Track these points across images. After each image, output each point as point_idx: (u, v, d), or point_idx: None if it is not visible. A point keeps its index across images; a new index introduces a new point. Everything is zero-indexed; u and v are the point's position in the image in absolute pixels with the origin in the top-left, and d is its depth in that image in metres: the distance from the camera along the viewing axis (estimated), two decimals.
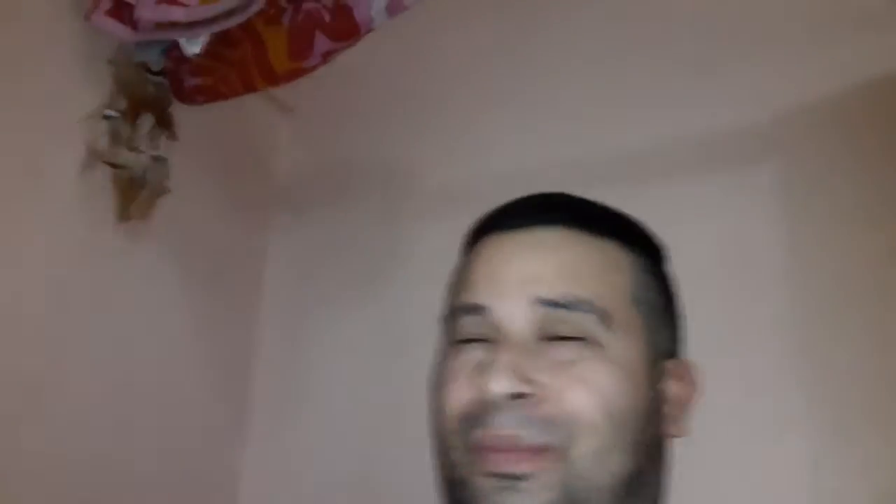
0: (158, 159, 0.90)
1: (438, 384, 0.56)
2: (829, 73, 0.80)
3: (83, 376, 0.85)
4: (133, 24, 0.84)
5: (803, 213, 0.78)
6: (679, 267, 0.66)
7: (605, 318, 0.50)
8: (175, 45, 0.89)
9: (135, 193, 0.87)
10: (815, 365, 0.74)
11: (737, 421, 0.69)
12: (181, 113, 0.95)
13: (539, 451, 0.48)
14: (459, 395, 0.52)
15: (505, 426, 0.49)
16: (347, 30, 0.83)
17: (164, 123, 0.93)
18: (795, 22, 0.83)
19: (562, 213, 0.55)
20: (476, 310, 0.53)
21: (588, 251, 0.54)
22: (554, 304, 0.50)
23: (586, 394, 0.48)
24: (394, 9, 0.81)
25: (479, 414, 0.50)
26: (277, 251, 1.12)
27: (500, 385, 0.48)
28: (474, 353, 0.52)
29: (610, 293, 0.52)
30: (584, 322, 0.50)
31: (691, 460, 0.60)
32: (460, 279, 0.57)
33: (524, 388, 0.49)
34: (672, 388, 0.54)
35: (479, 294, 0.53)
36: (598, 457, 0.48)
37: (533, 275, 0.52)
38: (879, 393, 0.71)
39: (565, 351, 0.50)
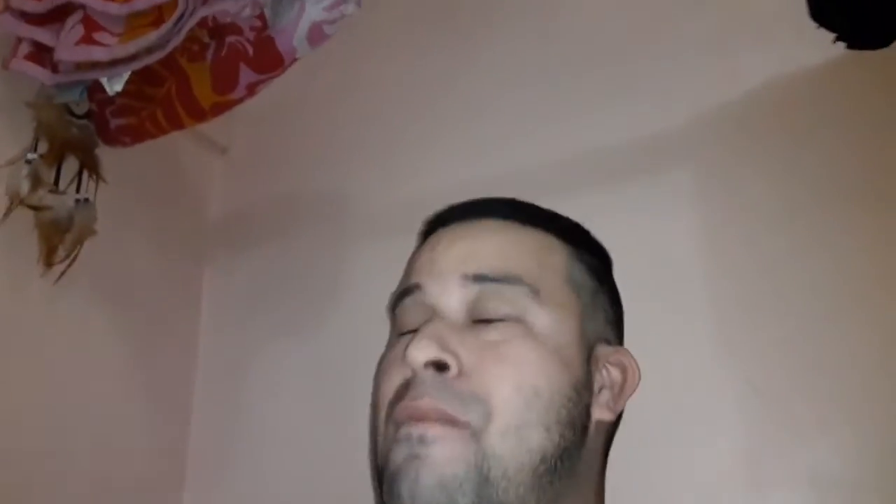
0: (84, 202, 0.88)
1: (376, 377, 0.56)
2: (736, 77, 0.84)
3: (14, 424, 0.81)
4: (53, 67, 0.83)
5: (720, 211, 0.80)
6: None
7: (534, 291, 0.52)
8: (98, 88, 0.88)
9: (60, 237, 0.85)
10: (735, 355, 0.76)
11: (668, 411, 0.70)
12: (113, 155, 0.94)
13: (453, 422, 0.47)
14: (391, 382, 0.52)
15: (423, 395, 0.48)
16: (271, 61, 0.84)
17: (90, 166, 0.91)
18: (701, 31, 0.87)
19: (501, 208, 0.59)
20: (412, 289, 0.55)
21: (524, 236, 0.56)
22: (484, 278, 0.52)
23: (505, 372, 0.49)
24: (315, 39, 0.82)
25: (403, 391, 0.50)
26: (213, 289, 1.10)
27: (420, 352, 0.48)
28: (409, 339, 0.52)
29: (542, 271, 0.54)
30: (514, 296, 0.51)
31: (625, 454, 0.61)
32: (406, 270, 0.59)
33: (444, 357, 0.49)
34: (608, 373, 0.55)
35: (417, 275, 0.55)
36: (514, 433, 0.47)
37: (467, 254, 0.54)
38: (798, 377, 0.73)
39: (494, 333, 0.51)
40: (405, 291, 0.56)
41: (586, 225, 0.67)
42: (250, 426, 1.02)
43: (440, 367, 0.49)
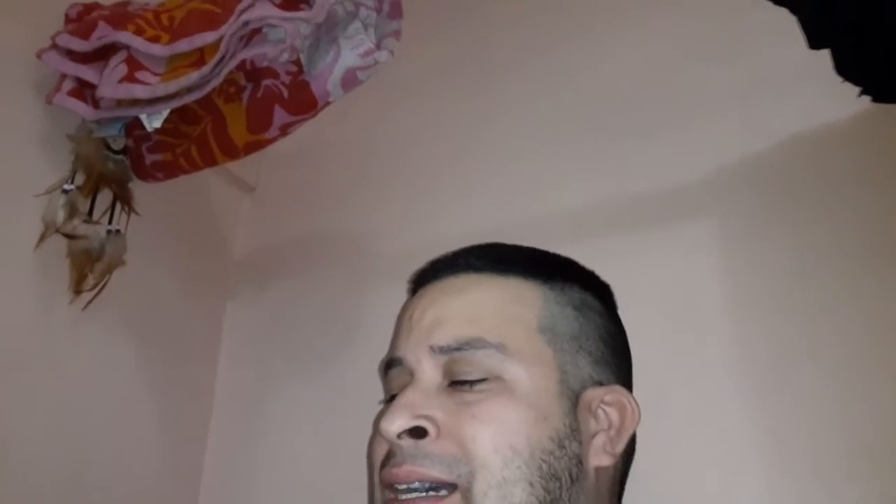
0: (115, 233, 0.90)
1: (370, 440, 0.59)
2: (760, 129, 0.85)
3: (35, 447, 0.82)
4: (95, 103, 0.87)
5: (746, 260, 0.80)
6: (633, 315, 0.69)
7: (501, 349, 0.53)
8: (136, 125, 0.91)
9: (90, 266, 0.87)
10: (759, 405, 0.75)
11: (691, 461, 0.69)
12: (144, 189, 0.97)
13: (441, 484, 0.49)
14: (379, 447, 0.55)
15: (403, 464, 0.50)
16: (305, 103, 0.87)
17: (124, 199, 0.94)
18: (728, 85, 0.89)
19: (475, 261, 0.60)
20: (395, 362, 0.59)
21: (490, 291, 0.58)
22: (448, 349, 0.54)
23: (481, 433, 0.50)
24: (348, 84, 0.85)
25: (387, 458, 0.52)
26: (234, 323, 1.12)
27: (392, 424, 0.51)
28: None
29: (510, 326, 0.55)
30: (482, 357, 0.53)
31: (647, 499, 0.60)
32: (392, 335, 0.64)
33: (417, 423, 0.51)
34: (605, 414, 0.55)
35: (398, 348, 0.59)
36: (495, 492, 0.48)
37: (434, 323, 0.56)
38: (822, 427, 0.72)
39: (470, 394, 0.52)
40: (390, 363, 0.60)
41: (608, 276, 0.68)
42: (263, 460, 1.01)
43: (418, 433, 0.51)
